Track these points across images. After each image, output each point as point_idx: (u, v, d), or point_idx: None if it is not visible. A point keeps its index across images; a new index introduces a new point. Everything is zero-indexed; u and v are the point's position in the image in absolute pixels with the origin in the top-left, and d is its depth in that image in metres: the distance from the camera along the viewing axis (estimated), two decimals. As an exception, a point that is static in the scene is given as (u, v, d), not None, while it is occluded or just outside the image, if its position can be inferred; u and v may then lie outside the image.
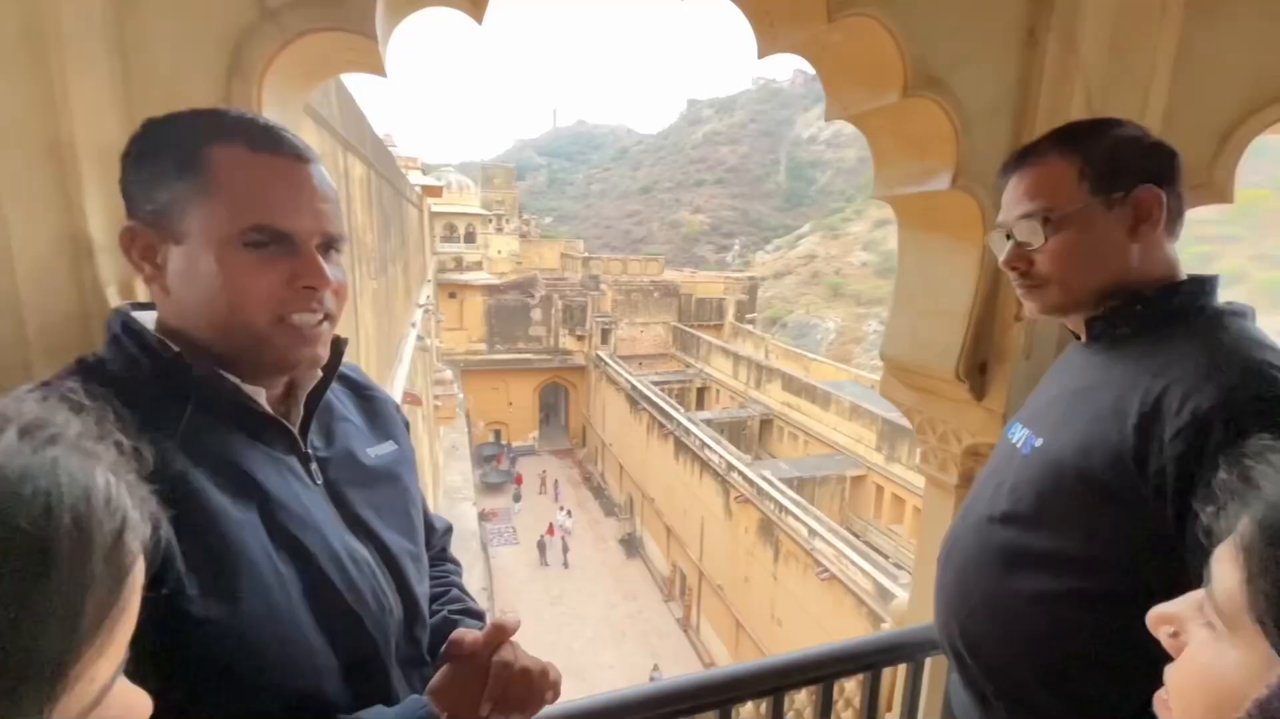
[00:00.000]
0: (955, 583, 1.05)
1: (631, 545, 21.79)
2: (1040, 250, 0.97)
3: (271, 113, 1.00)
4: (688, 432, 17.82)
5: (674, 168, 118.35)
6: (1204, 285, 0.93)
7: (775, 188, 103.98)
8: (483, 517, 18.83)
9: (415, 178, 18.06)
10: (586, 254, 36.69)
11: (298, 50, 0.98)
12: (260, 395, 0.71)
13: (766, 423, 21.83)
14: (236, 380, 0.69)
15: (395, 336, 8.90)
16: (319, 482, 0.75)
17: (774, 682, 1.35)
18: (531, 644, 0.78)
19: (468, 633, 0.76)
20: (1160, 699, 0.50)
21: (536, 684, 0.77)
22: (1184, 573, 0.78)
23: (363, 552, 0.75)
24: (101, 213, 0.88)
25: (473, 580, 12.60)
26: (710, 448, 16.54)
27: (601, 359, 26.15)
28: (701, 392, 26.95)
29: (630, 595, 19.35)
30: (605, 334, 27.85)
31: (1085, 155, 0.94)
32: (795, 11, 1.27)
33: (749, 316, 33.05)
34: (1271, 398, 0.75)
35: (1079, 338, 1.04)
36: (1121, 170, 0.92)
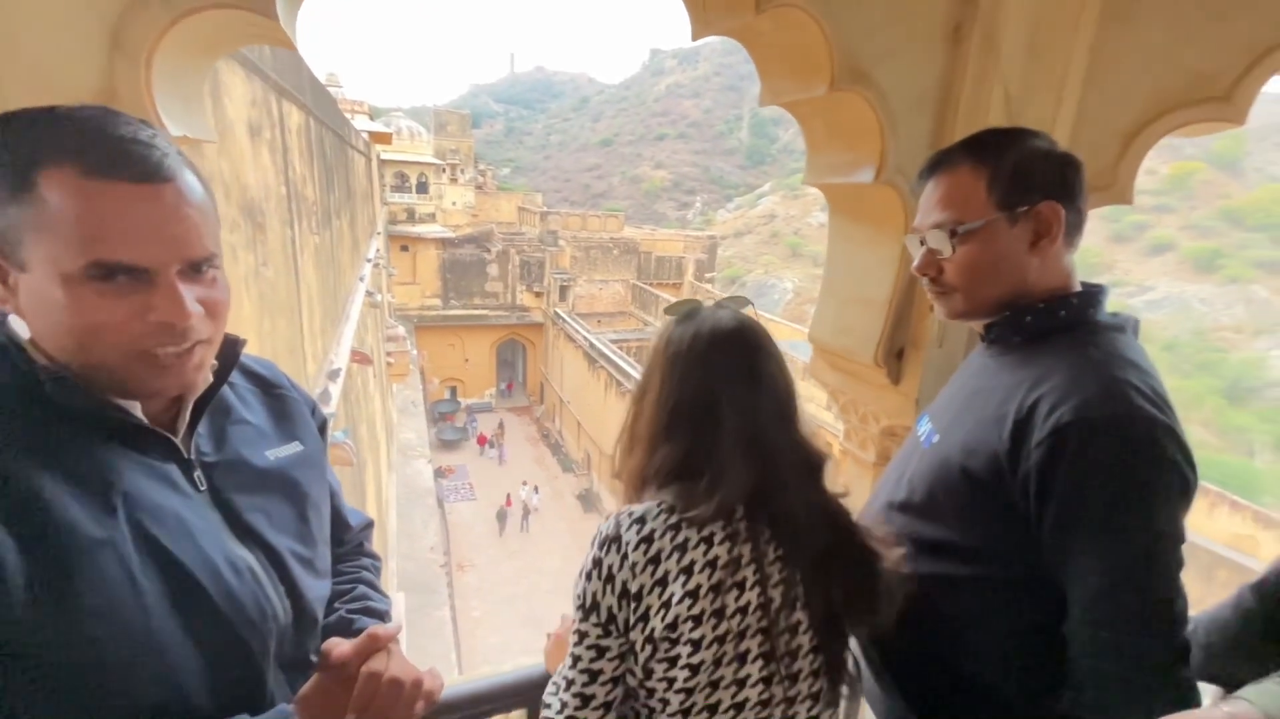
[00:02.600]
0: None
1: (589, 500, 22.17)
2: (949, 260, 1.01)
3: (166, 91, 0.94)
4: (644, 390, 18.00)
5: (635, 120, 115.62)
6: (1091, 299, 0.97)
7: (738, 144, 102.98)
8: (439, 473, 18.78)
9: (362, 123, 17.13)
10: (545, 208, 35.81)
11: (190, 26, 0.91)
12: (135, 407, 0.69)
13: (722, 382, 22.18)
14: (102, 394, 0.67)
15: (342, 292, 8.61)
16: (203, 488, 0.74)
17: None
18: (489, 597, 0.77)
19: (338, 643, 0.76)
20: None
21: (406, 694, 0.77)
22: (1043, 565, 0.86)
23: (247, 558, 0.75)
24: (-27, 203, 0.82)
25: (428, 537, 12.65)
26: (666, 407, 16.78)
27: (560, 316, 25.93)
28: (659, 350, 27.08)
29: (587, 549, 19.79)
30: (564, 291, 27.52)
31: (994, 167, 0.97)
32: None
33: (708, 276, 33.13)
34: (1118, 414, 0.81)
35: (983, 339, 1.10)
36: (1026, 185, 0.95)
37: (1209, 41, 1.35)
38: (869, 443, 1.76)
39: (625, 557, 0.84)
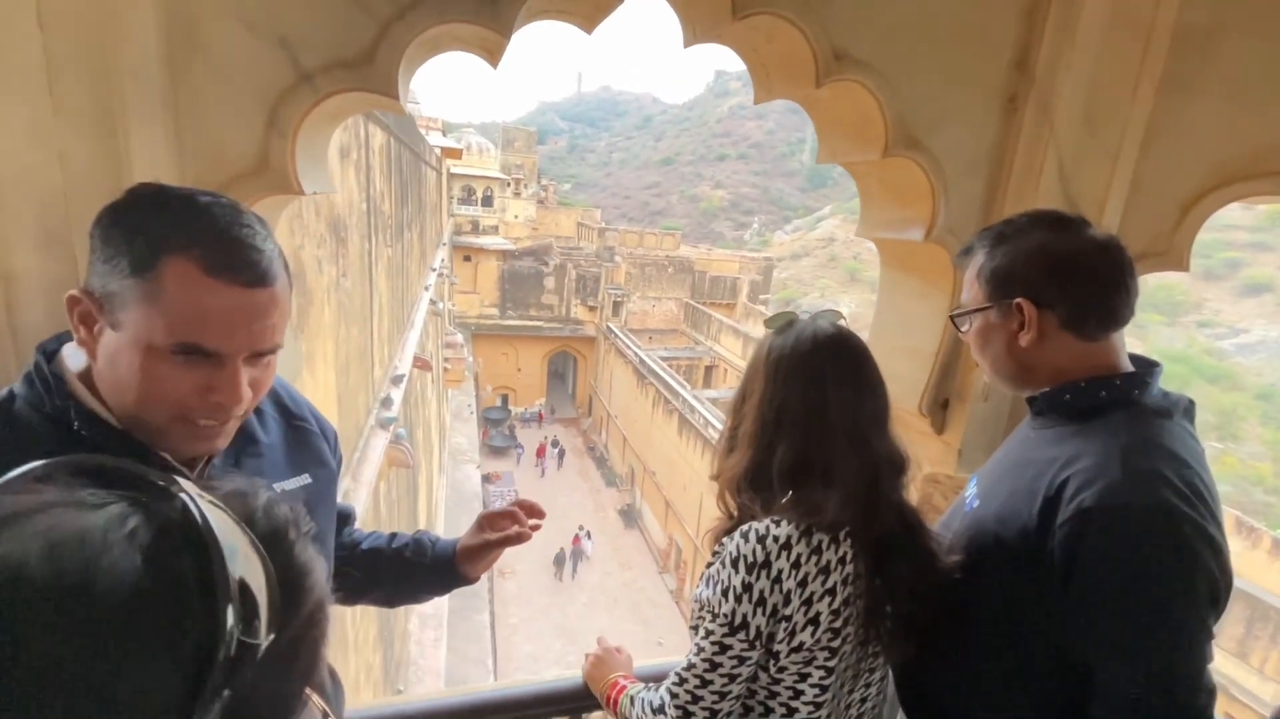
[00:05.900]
0: None
1: (630, 516, 22.23)
2: (965, 335, 1.12)
3: (303, 156, 1.12)
4: (693, 409, 18.02)
5: (697, 140, 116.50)
6: (1137, 380, 0.98)
7: (799, 166, 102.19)
8: (486, 479, 19.24)
9: (435, 139, 18.02)
10: (603, 225, 36.53)
11: (328, 105, 1.09)
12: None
13: (771, 405, 21.90)
14: (125, 430, 0.71)
15: (409, 300, 9.07)
16: None
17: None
18: (527, 604, 0.83)
19: None
20: None
21: None
22: (1062, 630, 0.90)
23: None
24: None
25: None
26: (714, 426, 16.74)
27: (612, 331, 26.28)
28: (709, 370, 27.08)
29: (626, 564, 19.83)
30: (617, 306, 27.92)
31: (990, 261, 1.03)
32: (788, 73, 1.36)
33: (762, 297, 32.91)
34: (1140, 506, 0.84)
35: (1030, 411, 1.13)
36: (1008, 281, 1.01)
37: (1272, 114, 1.37)
38: (911, 488, 1.79)
39: (778, 582, 0.91)
